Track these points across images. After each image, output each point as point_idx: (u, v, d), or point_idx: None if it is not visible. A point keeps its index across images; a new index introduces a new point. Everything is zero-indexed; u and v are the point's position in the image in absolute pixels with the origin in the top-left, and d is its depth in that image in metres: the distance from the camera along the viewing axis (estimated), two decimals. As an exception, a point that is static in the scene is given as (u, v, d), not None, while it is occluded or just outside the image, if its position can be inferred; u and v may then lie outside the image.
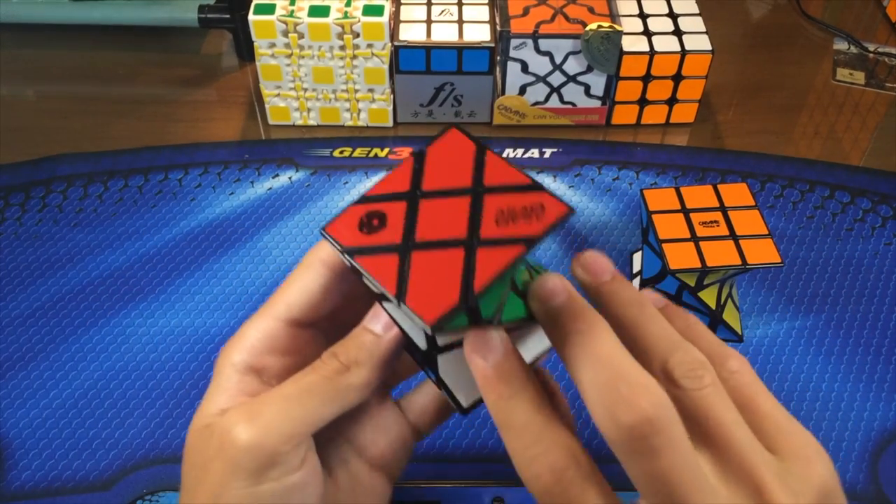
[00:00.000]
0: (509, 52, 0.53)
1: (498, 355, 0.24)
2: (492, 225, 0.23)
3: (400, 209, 0.24)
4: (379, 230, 0.23)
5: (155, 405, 0.42)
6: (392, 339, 0.26)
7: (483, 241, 0.23)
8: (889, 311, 0.47)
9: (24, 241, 0.50)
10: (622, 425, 0.21)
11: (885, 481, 0.40)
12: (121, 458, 0.40)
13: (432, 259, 0.22)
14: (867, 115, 0.60)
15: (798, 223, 0.52)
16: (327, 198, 0.53)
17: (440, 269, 0.22)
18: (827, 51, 0.66)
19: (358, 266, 0.23)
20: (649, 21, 0.56)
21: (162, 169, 0.55)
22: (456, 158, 0.25)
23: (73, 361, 0.44)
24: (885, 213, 0.52)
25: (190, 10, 0.62)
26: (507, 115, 0.57)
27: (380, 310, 0.27)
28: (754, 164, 0.56)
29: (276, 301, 0.28)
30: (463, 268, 0.22)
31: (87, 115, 0.59)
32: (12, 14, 0.62)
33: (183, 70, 0.64)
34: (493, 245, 0.22)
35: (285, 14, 0.52)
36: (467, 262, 0.22)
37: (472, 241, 0.23)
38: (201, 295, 0.47)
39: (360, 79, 0.55)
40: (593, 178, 0.55)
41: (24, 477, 0.39)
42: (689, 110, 0.58)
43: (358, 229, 0.23)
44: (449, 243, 0.23)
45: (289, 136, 0.57)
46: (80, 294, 0.47)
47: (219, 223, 0.51)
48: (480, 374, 0.24)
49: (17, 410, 0.42)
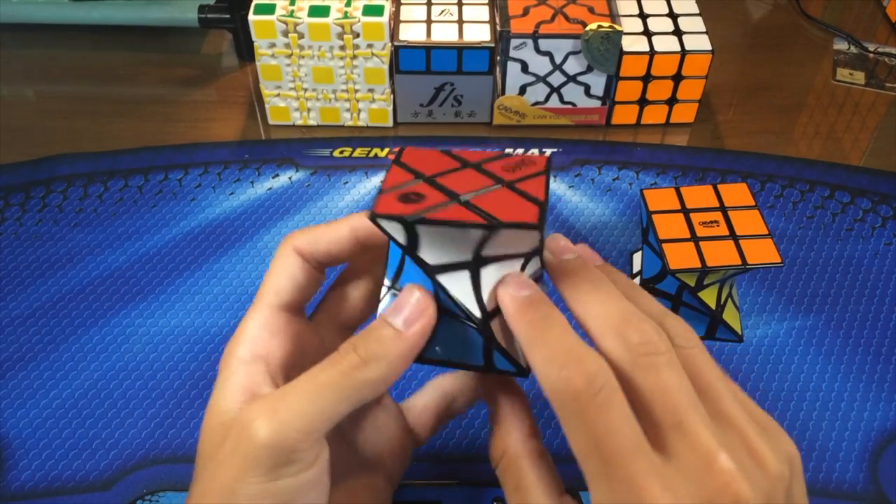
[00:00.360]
0: (509, 52, 0.53)
1: (532, 289, 0.26)
2: (508, 174, 0.27)
3: (425, 187, 0.26)
4: (423, 200, 0.25)
5: (155, 405, 0.42)
6: (414, 336, 0.26)
7: (513, 180, 0.26)
8: (889, 311, 0.47)
9: (24, 241, 0.50)
10: (631, 345, 0.24)
11: (885, 481, 0.40)
12: (121, 458, 0.40)
13: (487, 200, 0.25)
14: (867, 115, 0.60)
15: (798, 223, 0.52)
16: (327, 198, 0.53)
17: (500, 202, 0.25)
18: (827, 51, 0.66)
19: (437, 222, 0.24)
20: (649, 21, 0.56)
21: (162, 169, 0.55)
22: (431, 159, 0.28)
23: (73, 361, 0.44)
24: (885, 213, 0.52)
25: (190, 10, 0.62)
26: (507, 115, 0.57)
27: (403, 302, 0.26)
28: (754, 164, 0.56)
29: (263, 292, 0.28)
30: (518, 194, 0.25)
31: (87, 115, 0.59)
32: (12, 14, 0.62)
33: (183, 70, 0.64)
34: (525, 179, 0.26)
35: (285, 14, 0.52)
36: (518, 191, 0.26)
37: (506, 182, 0.26)
38: (201, 295, 0.47)
39: (360, 79, 0.55)
40: (593, 178, 0.55)
41: (24, 477, 0.39)
42: (689, 110, 0.58)
43: (404, 204, 0.25)
44: (490, 188, 0.26)
45: (289, 136, 0.57)
46: (80, 294, 0.47)
47: (219, 223, 0.51)
48: (514, 302, 0.25)
49: (17, 410, 0.42)
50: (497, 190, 0.26)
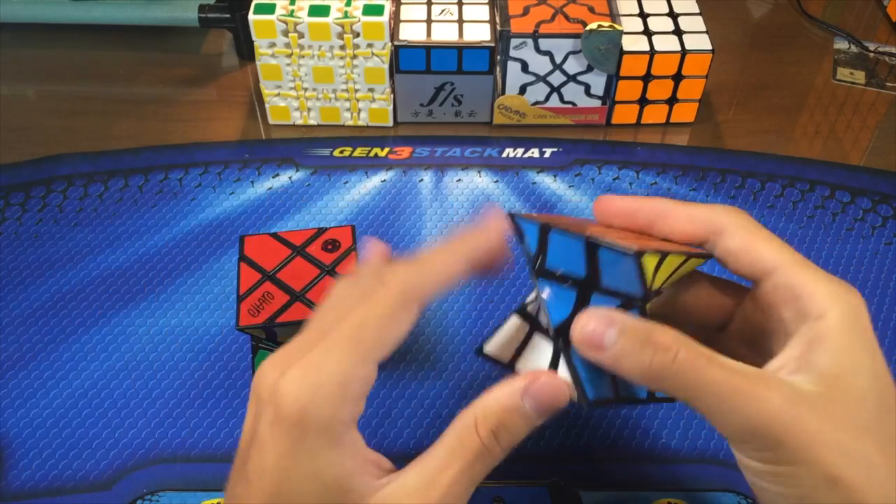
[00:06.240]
0: (509, 51, 0.53)
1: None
2: (327, 255, 0.39)
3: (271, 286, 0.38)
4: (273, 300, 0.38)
5: (155, 405, 0.42)
6: (542, 419, 0.26)
7: (332, 264, 0.39)
8: (889, 310, 0.47)
9: (25, 241, 0.50)
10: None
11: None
12: (121, 458, 0.40)
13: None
14: (867, 114, 0.60)
15: (798, 223, 0.52)
16: (327, 198, 0.53)
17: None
18: (827, 50, 0.66)
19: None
20: (649, 21, 0.56)
21: (162, 169, 0.55)
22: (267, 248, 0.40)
23: (73, 361, 0.44)
24: (885, 213, 0.52)
25: (190, 9, 0.62)
26: (508, 114, 0.57)
27: (542, 387, 0.26)
28: (754, 163, 0.56)
29: (371, 342, 0.26)
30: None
31: (87, 115, 0.59)
32: (13, 14, 0.62)
33: (183, 70, 0.64)
34: (341, 261, 0.39)
35: (285, 14, 0.52)
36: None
37: (326, 269, 0.38)
38: (201, 295, 0.47)
39: (360, 78, 0.55)
40: (593, 178, 0.55)
41: (24, 477, 0.39)
42: (689, 110, 0.58)
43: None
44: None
45: (289, 135, 0.57)
46: (80, 294, 0.47)
47: (219, 223, 0.51)
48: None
49: (17, 410, 0.42)
50: (323, 279, 0.36)
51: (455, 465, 0.25)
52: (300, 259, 0.37)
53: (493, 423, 0.25)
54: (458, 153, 0.56)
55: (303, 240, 0.38)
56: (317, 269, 0.37)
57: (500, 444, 0.26)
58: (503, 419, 0.26)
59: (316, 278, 0.36)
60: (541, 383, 0.26)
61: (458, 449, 0.26)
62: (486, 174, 0.55)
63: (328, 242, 0.38)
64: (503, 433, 0.26)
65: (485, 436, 0.25)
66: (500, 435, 0.25)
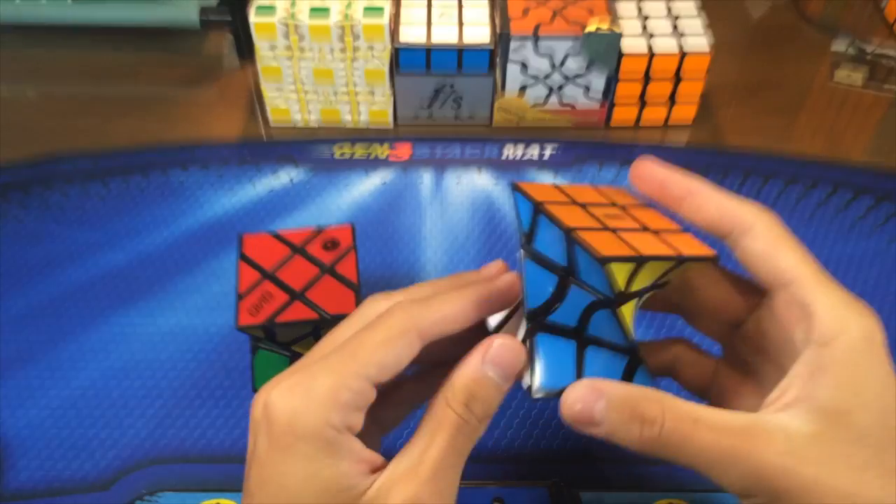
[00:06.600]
0: (509, 52, 0.53)
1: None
2: (326, 254, 0.39)
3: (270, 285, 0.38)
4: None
5: (155, 405, 0.42)
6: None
7: (332, 263, 0.38)
8: (891, 309, 0.47)
9: (25, 240, 0.50)
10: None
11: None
12: (120, 458, 0.40)
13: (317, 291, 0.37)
14: (866, 115, 0.60)
15: (799, 222, 0.52)
16: (327, 197, 0.53)
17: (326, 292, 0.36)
18: (826, 51, 0.66)
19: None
20: (649, 22, 0.56)
21: (162, 168, 0.55)
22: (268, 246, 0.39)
23: (73, 361, 0.44)
24: (887, 212, 0.52)
25: (191, 10, 0.62)
26: (507, 115, 0.57)
27: (504, 353, 0.27)
28: (755, 162, 0.56)
29: (366, 360, 0.26)
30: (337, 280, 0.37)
31: (87, 115, 0.59)
32: (14, 14, 0.62)
33: (183, 70, 0.64)
34: (340, 260, 0.38)
35: (286, 15, 0.52)
36: (336, 276, 0.37)
37: (326, 268, 0.38)
38: (201, 295, 0.47)
39: (360, 80, 0.55)
40: (594, 177, 0.55)
41: (23, 477, 0.39)
42: (688, 110, 0.58)
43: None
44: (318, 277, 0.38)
45: (289, 136, 0.57)
46: (80, 293, 0.47)
47: (218, 222, 0.51)
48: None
49: (16, 410, 0.42)
50: (322, 279, 0.36)
51: (437, 441, 0.26)
52: (300, 258, 0.37)
53: (464, 396, 0.26)
54: (458, 153, 0.56)
55: (302, 239, 0.38)
56: (316, 269, 0.36)
57: (476, 415, 0.26)
58: (472, 390, 0.26)
59: (315, 277, 0.36)
60: (496, 347, 0.26)
61: (436, 427, 0.26)
62: (485, 174, 0.55)
63: (328, 241, 0.38)
64: (475, 404, 0.26)
65: (460, 410, 0.26)
66: (473, 406, 0.26)
